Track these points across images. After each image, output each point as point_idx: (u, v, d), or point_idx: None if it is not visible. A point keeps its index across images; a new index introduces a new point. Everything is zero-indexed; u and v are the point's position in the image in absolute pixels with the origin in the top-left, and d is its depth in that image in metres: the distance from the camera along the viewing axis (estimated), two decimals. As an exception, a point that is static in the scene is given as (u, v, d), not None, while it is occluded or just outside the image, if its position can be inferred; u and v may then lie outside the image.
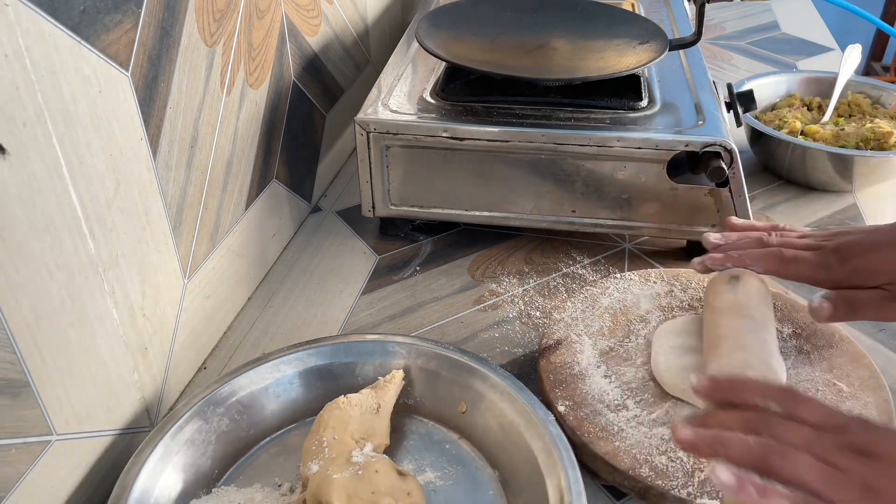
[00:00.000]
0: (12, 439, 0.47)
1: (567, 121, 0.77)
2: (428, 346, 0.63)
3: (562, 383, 0.62)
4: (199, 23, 0.63)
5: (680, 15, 1.07)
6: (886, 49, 2.68)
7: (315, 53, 0.91)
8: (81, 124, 0.49)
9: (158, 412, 0.63)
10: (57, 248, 0.48)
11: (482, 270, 0.83)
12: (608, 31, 0.87)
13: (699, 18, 0.80)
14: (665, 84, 0.85)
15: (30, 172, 0.45)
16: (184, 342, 0.66)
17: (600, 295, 0.73)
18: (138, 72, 0.55)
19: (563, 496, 0.51)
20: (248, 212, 0.77)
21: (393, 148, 0.79)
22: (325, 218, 0.93)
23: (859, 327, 0.73)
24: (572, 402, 0.61)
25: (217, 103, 0.67)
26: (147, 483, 0.53)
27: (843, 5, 1.27)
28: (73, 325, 0.51)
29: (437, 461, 0.59)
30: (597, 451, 0.57)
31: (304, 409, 0.62)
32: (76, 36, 0.48)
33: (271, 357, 0.62)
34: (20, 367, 0.46)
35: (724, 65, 1.33)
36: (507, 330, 0.74)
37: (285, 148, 0.84)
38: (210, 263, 0.70)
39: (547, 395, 0.62)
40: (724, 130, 0.75)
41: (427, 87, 0.84)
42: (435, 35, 0.84)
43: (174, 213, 0.63)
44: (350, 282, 0.81)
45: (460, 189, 0.81)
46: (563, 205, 0.80)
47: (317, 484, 0.52)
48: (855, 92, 1.04)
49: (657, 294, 0.73)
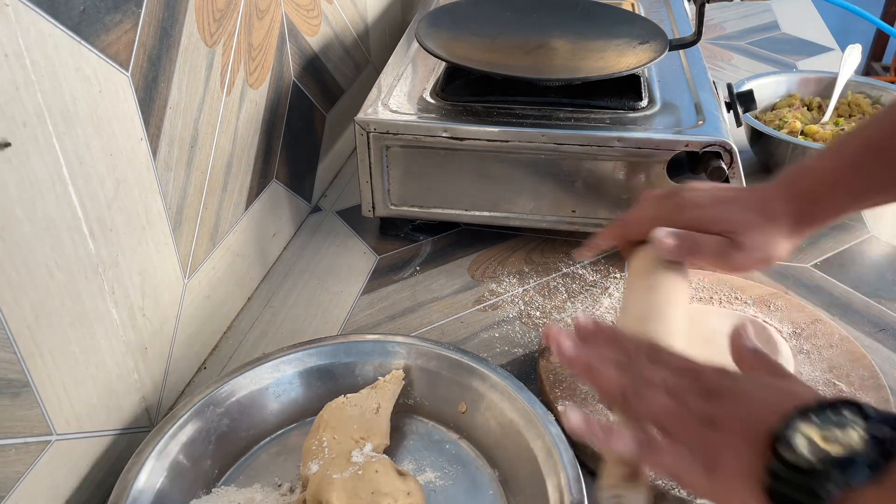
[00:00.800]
0: (12, 439, 0.47)
1: (567, 121, 0.77)
2: (428, 346, 0.63)
3: (562, 383, 0.62)
4: (199, 23, 0.63)
5: (680, 15, 1.07)
6: (886, 49, 2.67)
7: (315, 53, 0.91)
8: (81, 124, 0.49)
9: (158, 412, 0.63)
10: (57, 248, 0.48)
11: (482, 270, 0.83)
12: (608, 31, 0.87)
13: (699, 18, 0.80)
14: (665, 84, 0.85)
15: (30, 172, 0.45)
16: (184, 342, 0.66)
17: (601, 295, 0.73)
18: (138, 72, 0.55)
19: (563, 496, 0.51)
20: (248, 212, 0.77)
21: (393, 148, 0.79)
22: (325, 218, 0.93)
23: (859, 327, 0.73)
24: (572, 402, 0.61)
25: (217, 103, 0.67)
26: (147, 483, 0.53)
27: (843, 5, 1.27)
28: (73, 325, 0.51)
29: (437, 461, 0.59)
30: (597, 451, 0.56)
31: (304, 409, 0.62)
32: (76, 36, 0.48)
33: (271, 357, 0.62)
34: (20, 367, 0.46)
35: (724, 65, 1.33)
36: (507, 330, 0.74)
37: (285, 148, 0.84)
38: (210, 263, 0.70)
39: (547, 395, 0.62)
40: (724, 130, 0.75)
41: (427, 87, 0.84)
42: (435, 35, 0.84)
43: (174, 213, 0.63)
44: (350, 282, 0.81)
45: (460, 189, 0.81)
46: (563, 205, 0.80)
47: (317, 484, 0.52)
48: (855, 92, 1.04)
49: None
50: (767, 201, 0.56)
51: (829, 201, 0.55)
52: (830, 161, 0.56)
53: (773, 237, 0.55)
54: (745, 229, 0.55)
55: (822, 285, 0.79)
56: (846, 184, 0.54)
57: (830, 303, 0.76)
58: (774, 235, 0.55)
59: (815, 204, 0.55)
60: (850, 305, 0.76)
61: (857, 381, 0.62)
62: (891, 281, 0.79)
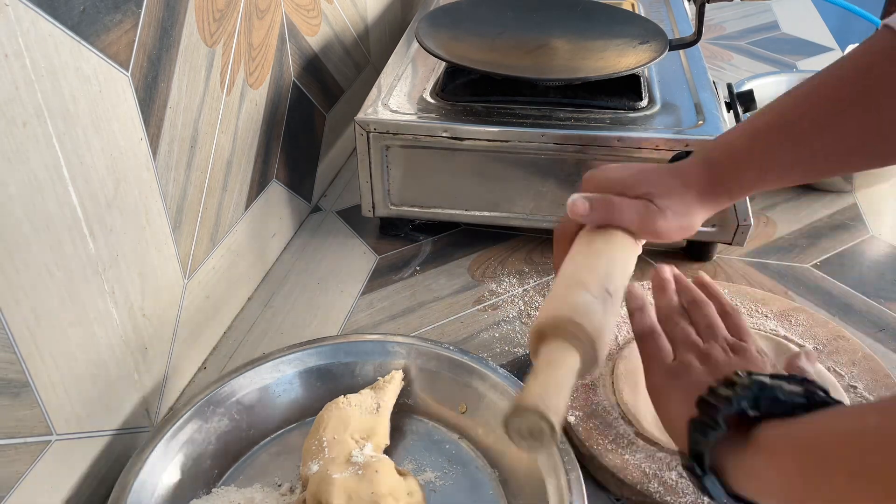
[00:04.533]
0: (12, 439, 0.47)
1: (567, 121, 0.77)
2: (428, 346, 0.63)
3: (571, 393, 0.62)
4: (199, 23, 0.63)
5: (680, 15, 1.07)
6: (886, 49, 2.67)
7: (315, 53, 0.91)
8: (81, 124, 0.49)
9: (158, 412, 0.63)
10: (57, 248, 0.48)
11: (482, 270, 0.83)
12: (608, 31, 0.87)
13: (699, 18, 0.80)
14: (665, 84, 0.85)
15: (30, 172, 0.45)
16: (184, 342, 0.66)
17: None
18: (138, 72, 0.55)
19: (563, 496, 0.51)
20: (248, 212, 0.77)
21: (393, 148, 0.79)
22: (325, 218, 0.93)
23: (859, 327, 0.73)
24: (582, 412, 0.60)
25: (217, 103, 0.67)
26: (147, 483, 0.53)
27: (843, 5, 1.27)
28: (73, 325, 0.51)
29: (437, 461, 0.59)
30: (605, 463, 0.56)
31: (304, 409, 0.62)
32: (76, 36, 0.48)
33: (271, 357, 0.62)
34: (20, 367, 0.46)
35: (724, 65, 1.33)
36: (507, 330, 0.74)
37: (285, 148, 0.84)
38: (210, 263, 0.70)
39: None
40: (724, 130, 0.75)
41: (427, 87, 0.84)
42: (435, 35, 0.84)
43: (174, 213, 0.63)
44: (350, 282, 0.81)
45: (460, 189, 0.81)
46: (563, 205, 0.79)
47: (317, 484, 0.52)
48: (855, 92, 1.04)
49: None
50: (684, 169, 0.55)
51: (736, 176, 0.54)
52: (740, 137, 0.55)
53: (691, 205, 0.54)
54: (664, 193, 0.54)
55: (822, 285, 0.79)
56: (753, 161, 0.54)
57: (830, 303, 0.76)
58: (691, 204, 0.54)
59: (724, 175, 0.54)
60: (850, 305, 0.76)
61: (862, 385, 0.62)
62: (891, 281, 0.79)
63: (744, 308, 0.72)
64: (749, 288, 0.74)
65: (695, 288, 0.58)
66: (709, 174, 0.54)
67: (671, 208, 0.53)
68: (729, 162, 0.54)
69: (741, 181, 0.54)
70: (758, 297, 0.73)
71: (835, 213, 0.91)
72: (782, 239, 0.86)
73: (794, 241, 0.86)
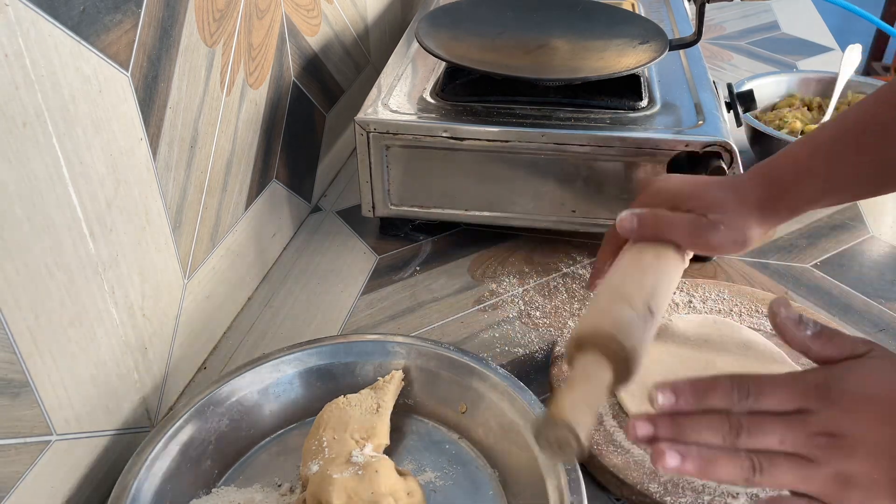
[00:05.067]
0: (12, 439, 0.47)
1: (567, 121, 0.77)
2: (428, 346, 0.63)
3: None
4: (199, 23, 0.63)
5: (680, 15, 1.07)
6: (886, 49, 2.67)
7: (315, 53, 0.91)
8: (81, 124, 0.49)
9: (158, 412, 0.63)
10: (57, 248, 0.48)
11: (482, 270, 0.83)
12: (608, 31, 0.87)
13: (699, 18, 0.80)
14: (665, 84, 0.85)
15: (30, 172, 0.45)
16: (184, 342, 0.66)
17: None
18: (138, 72, 0.55)
19: (563, 496, 0.51)
20: (248, 212, 0.77)
21: (393, 148, 0.79)
22: (325, 218, 0.93)
23: (859, 327, 0.73)
24: None
25: (217, 103, 0.67)
26: (147, 483, 0.53)
27: (843, 5, 1.27)
28: (73, 325, 0.51)
29: (437, 461, 0.59)
30: (605, 463, 0.56)
31: (304, 409, 0.62)
32: (76, 36, 0.48)
33: (271, 357, 0.62)
34: (20, 367, 0.46)
35: (724, 65, 1.33)
36: (507, 330, 0.74)
37: (285, 148, 0.84)
38: (210, 263, 0.70)
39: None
40: (724, 130, 0.75)
41: (427, 87, 0.84)
42: (435, 35, 0.84)
43: (174, 213, 0.63)
44: (350, 282, 0.81)
45: (460, 189, 0.81)
46: (563, 205, 0.80)
47: (317, 484, 0.52)
48: (855, 92, 1.04)
49: (675, 304, 0.72)
50: (740, 184, 0.55)
51: (799, 189, 0.54)
52: (803, 149, 0.55)
53: (746, 219, 0.54)
54: (718, 207, 0.54)
55: (822, 285, 0.79)
56: (816, 173, 0.54)
57: (830, 303, 0.76)
58: (747, 218, 0.54)
59: (785, 191, 0.54)
60: (850, 305, 0.76)
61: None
62: (891, 281, 0.79)
63: (744, 308, 0.72)
64: (749, 288, 0.74)
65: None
66: (769, 188, 0.54)
67: (724, 222, 0.53)
68: (790, 177, 0.54)
69: (805, 194, 0.54)
70: (758, 297, 0.73)
71: (834, 213, 0.91)
72: (782, 239, 0.86)
73: (794, 241, 0.86)
